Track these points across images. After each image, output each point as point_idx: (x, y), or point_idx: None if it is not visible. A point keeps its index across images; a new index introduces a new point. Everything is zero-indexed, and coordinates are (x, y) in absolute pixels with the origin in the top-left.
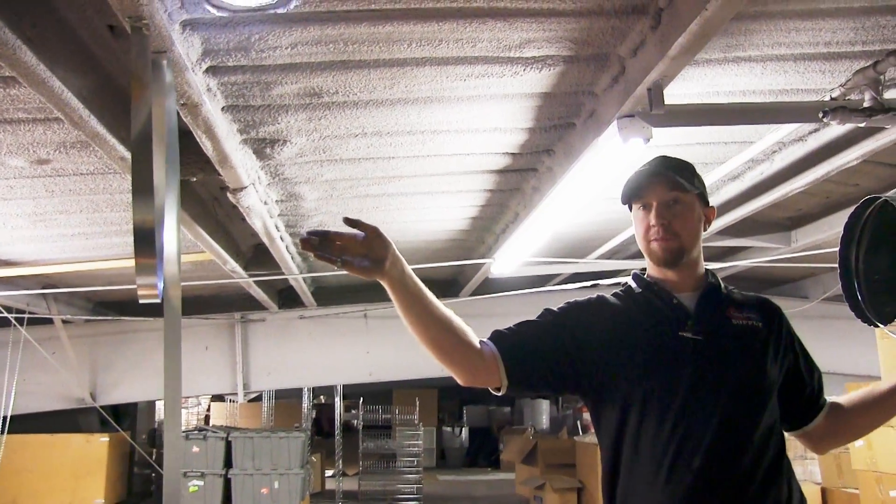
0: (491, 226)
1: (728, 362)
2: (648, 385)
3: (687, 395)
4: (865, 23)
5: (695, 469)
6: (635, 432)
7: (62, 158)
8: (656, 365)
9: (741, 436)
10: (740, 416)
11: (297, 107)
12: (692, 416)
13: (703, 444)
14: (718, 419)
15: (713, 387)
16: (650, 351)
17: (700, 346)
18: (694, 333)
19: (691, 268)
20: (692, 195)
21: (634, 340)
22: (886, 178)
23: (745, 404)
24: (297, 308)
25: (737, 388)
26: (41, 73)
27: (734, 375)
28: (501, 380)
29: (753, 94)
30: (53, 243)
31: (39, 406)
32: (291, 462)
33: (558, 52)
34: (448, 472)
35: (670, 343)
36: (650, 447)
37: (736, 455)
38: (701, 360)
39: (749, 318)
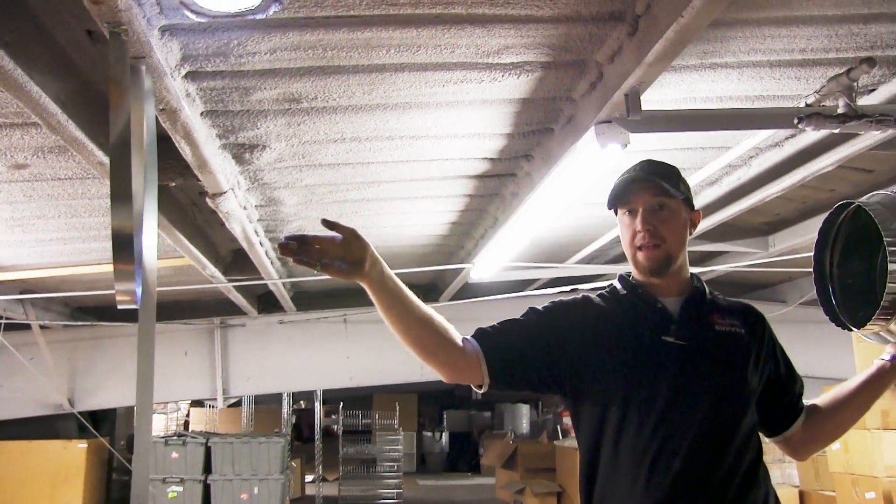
0: (470, 231)
1: (710, 368)
2: (630, 388)
3: (668, 399)
4: (839, 30)
5: (674, 472)
6: (615, 434)
7: (40, 163)
8: (638, 368)
9: (721, 440)
10: (720, 422)
11: (276, 112)
12: (673, 420)
13: (683, 447)
14: (699, 424)
15: (695, 392)
16: (632, 354)
17: (683, 351)
18: (677, 338)
19: (677, 273)
20: (678, 200)
21: (617, 343)
22: (862, 183)
23: (725, 410)
24: (276, 313)
25: (718, 394)
26: (18, 77)
27: (716, 381)
28: (483, 378)
29: (730, 100)
30: (31, 248)
31: (17, 412)
32: (271, 467)
33: (536, 59)
34: (428, 476)
35: (653, 347)
36: (630, 449)
37: (715, 459)
38: (683, 365)
39: (732, 324)
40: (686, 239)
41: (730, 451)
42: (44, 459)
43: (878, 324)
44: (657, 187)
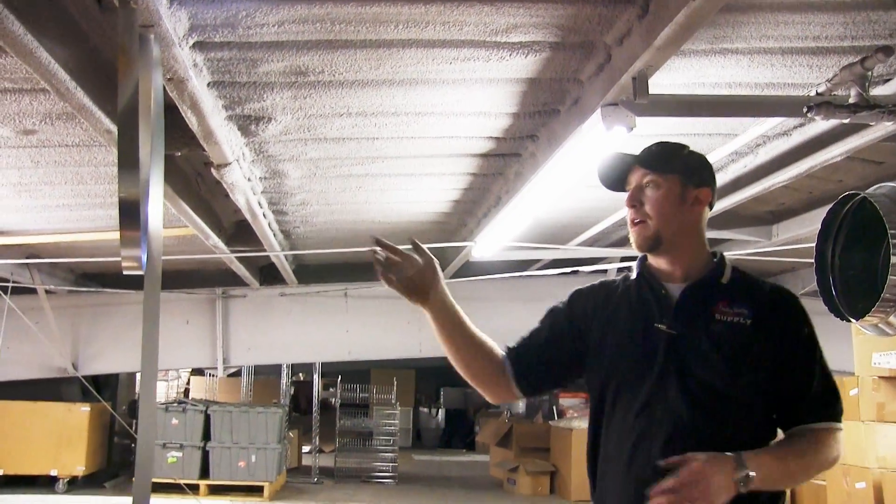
0: (473, 209)
1: (696, 361)
2: (619, 374)
3: (651, 389)
4: (856, 17)
5: (652, 463)
6: (607, 419)
7: (48, 129)
8: (628, 355)
9: (702, 433)
10: (701, 414)
11: (282, 85)
12: (653, 411)
13: (660, 440)
14: (678, 414)
15: (676, 384)
16: (626, 340)
17: (673, 340)
18: (668, 327)
19: (681, 256)
20: (670, 177)
21: (616, 328)
22: (870, 175)
23: (707, 405)
24: (278, 285)
25: (701, 389)
26: (28, 43)
27: (700, 376)
28: (515, 392)
29: (739, 87)
30: (38, 214)
31: (22, 374)
32: (269, 437)
33: (545, 38)
34: (423, 452)
35: (644, 334)
36: (617, 435)
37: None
38: (670, 356)
39: (738, 314)
40: (682, 216)
41: (711, 446)
42: (48, 421)
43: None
44: (643, 164)
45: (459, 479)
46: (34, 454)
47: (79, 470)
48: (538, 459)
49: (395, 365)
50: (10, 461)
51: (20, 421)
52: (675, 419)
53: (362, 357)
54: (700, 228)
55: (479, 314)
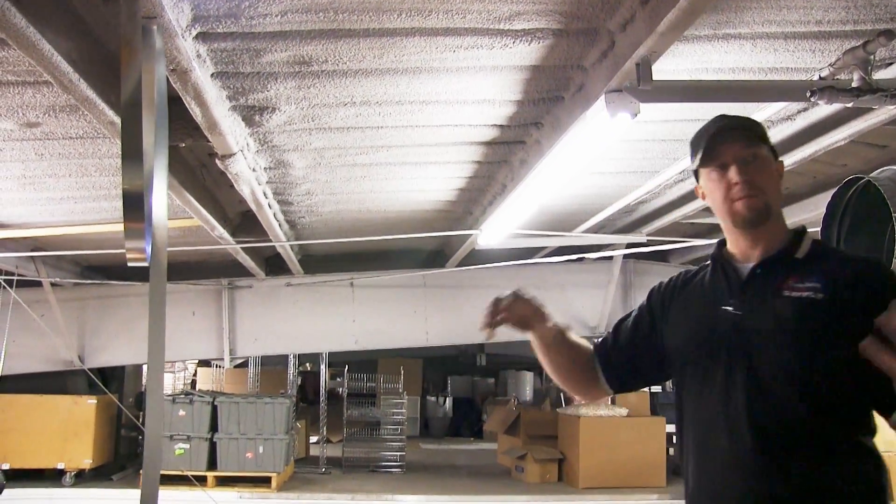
0: (478, 197)
1: (763, 342)
2: (692, 361)
3: (723, 372)
4: (858, 1)
5: (722, 448)
6: (686, 408)
7: (51, 122)
8: (698, 340)
9: (772, 421)
10: (768, 398)
11: (286, 74)
12: (725, 395)
13: (732, 426)
14: (749, 402)
15: (746, 365)
16: (696, 325)
17: (739, 321)
18: (734, 308)
19: (773, 231)
20: (767, 149)
21: (688, 314)
22: (874, 159)
23: (779, 387)
24: (284, 275)
25: (770, 371)
26: (31, 35)
27: (768, 357)
28: (605, 390)
29: (742, 72)
30: (42, 206)
31: (28, 367)
32: (276, 427)
33: (548, 25)
34: (431, 440)
35: (712, 317)
36: (693, 423)
37: (765, 439)
38: (737, 336)
39: (810, 288)
40: (778, 188)
41: (782, 433)
42: (55, 413)
43: None
44: (747, 137)
45: (467, 468)
46: (41, 447)
47: (86, 463)
48: (546, 447)
49: (402, 354)
50: (17, 455)
51: (27, 414)
52: (746, 404)
53: (369, 346)
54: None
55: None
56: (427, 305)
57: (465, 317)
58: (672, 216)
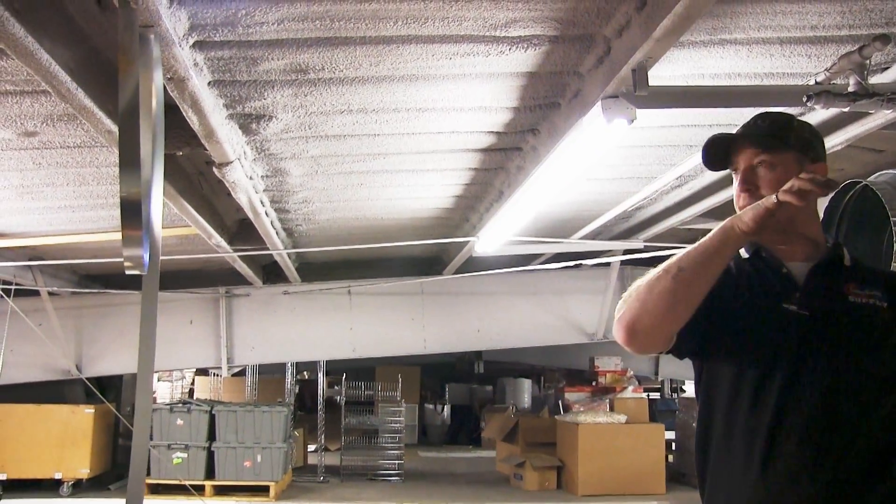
0: (475, 204)
1: (837, 343)
2: (745, 358)
3: (787, 375)
4: (853, 6)
5: (789, 456)
6: (727, 410)
7: (49, 131)
8: (754, 338)
9: (845, 424)
10: (845, 403)
11: (283, 83)
12: (789, 397)
13: (799, 429)
14: (819, 406)
15: (816, 368)
16: (750, 322)
17: (806, 321)
18: (799, 307)
19: (800, 234)
20: (785, 153)
21: (735, 310)
22: (871, 163)
23: (851, 390)
24: (281, 283)
25: (844, 373)
26: (29, 45)
27: (843, 358)
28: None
29: (738, 77)
30: (40, 215)
31: (26, 377)
32: (274, 436)
33: (544, 32)
34: (429, 448)
35: (771, 315)
36: (743, 428)
37: (836, 445)
38: (805, 338)
39: (872, 295)
40: None
41: (856, 438)
42: (52, 423)
43: None
44: (755, 142)
45: (466, 475)
46: (38, 457)
47: (83, 472)
48: (544, 454)
49: (399, 362)
50: (14, 465)
51: (24, 424)
52: (817, 407)
53: (367, 354)
54: (817, 208)
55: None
56: (425, 313)
57: (463, 324)
58: (669, 222)
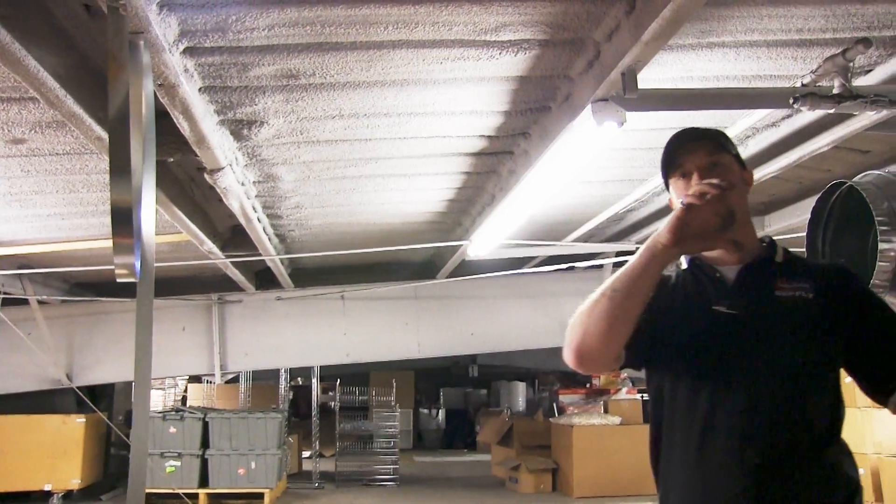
0: (467, 208)
1: (765, 338)
2: (681, 361)
3: (717, 372)
4: (836, 10)
5: (722, 449)
6: (671, 410)
7: (38, 138)
8: (688, 341)
9: (774, 416)
10: (775, 396)
11: (274, 88)
12: (718, 393)
13: (732, 423)
14: (744, 397)
15: (742, 364)
16: (685, 327)
17: (734, 320)
18: (729, 308)
19: (743, 237)
20: (731, 157)
21: (673, 316)
22: (857, 164)
23: (781, 383)
24: (274, 289)
25: (772, 366)
26: (16, 51)
27: (770, 352)
28: (621, 363)
29: (727, 80)
30: (29, 223)
31: (16, 387)
32: (268, 443)
33: (534, 36)
34: (425, 453)
35: (703, 318)
36: (682, 425)
37: (767, 437)
38: (734, 336)
39: (800, 288)
40: (743, 195)
41: (786, 429)
42: (43, 433)
43: None
44: (709, 145)
45: (461, 479)
46: (28, 469)
47: (74, 483)
48: (539, 457)
49: (393, 367)
50: (2, 477)
51: (13, 435)
52: (748, 401)
53: (360, 359)
54: (748, 215)
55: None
56: (418, 317)
57: (457, 328)
58: (660, 224)
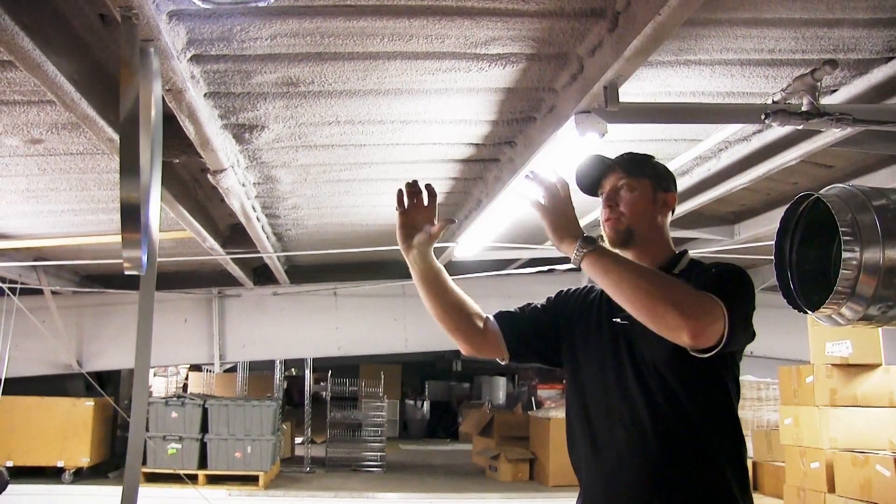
0: (455, 212)
1: (643, 345)
2: (586, 364)
3: (610, 374)
4: (805, 33)
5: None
6: (579, 409)
7: (54, 139)
8: (595, 347)
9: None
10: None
11: (274, 95)
12: (609, 399)
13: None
14: (632, 397)
15: (629, 369)
16: (594, 335)
17: (624, 330)
18: (622, 318)
19: (648, 253)
20: (642, 181)
21: (585, 326)
22: (822, 178)
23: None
24: (271, 285)
25: (648, 370)
26: (36, 57)
27: (647, 357)
28: (503, 351)
29: (702, 96)
30: (44, 218)
31: (30, 371)
32: (263, 429)
33: (521, 50)
34: (410, 442)
35: (605, 328)
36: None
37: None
38: (623, 344)
39: None
40: (652, 216)
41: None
42: (54, 415)
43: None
44: (620, 168)
45: (444, 467)
46: (42, 446)
47: (84, 461)
48: (518, 447)
49: (382, 360)
50: (20, 453)
51: (28, 415)
52: (630, 399)
53: (351, 352)
54: (666, 229)
55: None
56: (406, 314)
57: None
58: None
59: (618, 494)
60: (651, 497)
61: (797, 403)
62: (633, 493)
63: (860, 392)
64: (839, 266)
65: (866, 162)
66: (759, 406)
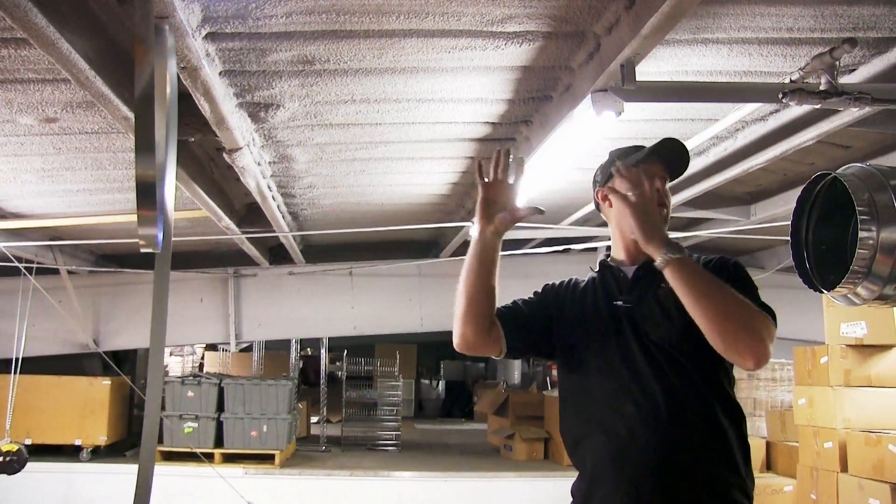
0: (471, 191)
1: (649, 325)
2: (589, 346)
3: (617, 353)
4: (825, 11)
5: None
6: (580, 386)
7: (69, 117)
8: (595, 331)
9: (662, 388)
10: (660, 372)
11: (290, 73)
12: (621, 372)
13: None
14: (640, 375)
15: (635, 347)
16: (593, 320)
17: (628, 312)
18: (625, 301)
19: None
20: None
21: (584, 313)
22: (839, 158)
23: (663, 362)
24: (286, 264)
25: (656, 348)
26: (50, 34)
27: (654, 337)
28: (502, 348)
29: (719, 75)
30: (60, 198)
31: (47, 350)
32: (279, 408)
33: (538, 28)
34: (425, 421)
35: (607, 311)
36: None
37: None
38: (627, 325)
39: None
40: None
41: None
42: (72, 394)
43: (846, 286)
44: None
45: (459, 446)
46: (59, 425)
47: (101, 440)
48: (533, 427)
49: (397, 339)
50: (38, 431)
51: (46, 394)
52: (640, 376)
53: (367, 332)
54: None
55: None
56: (422, 293)
57: None
58: None
59: (629, 467)
60: (662, 470)
61: (811, 384)
62: (646, 465)
63: (874, 373)
64: (855, 246)
65: (885, 142)
66: (774, 387)
